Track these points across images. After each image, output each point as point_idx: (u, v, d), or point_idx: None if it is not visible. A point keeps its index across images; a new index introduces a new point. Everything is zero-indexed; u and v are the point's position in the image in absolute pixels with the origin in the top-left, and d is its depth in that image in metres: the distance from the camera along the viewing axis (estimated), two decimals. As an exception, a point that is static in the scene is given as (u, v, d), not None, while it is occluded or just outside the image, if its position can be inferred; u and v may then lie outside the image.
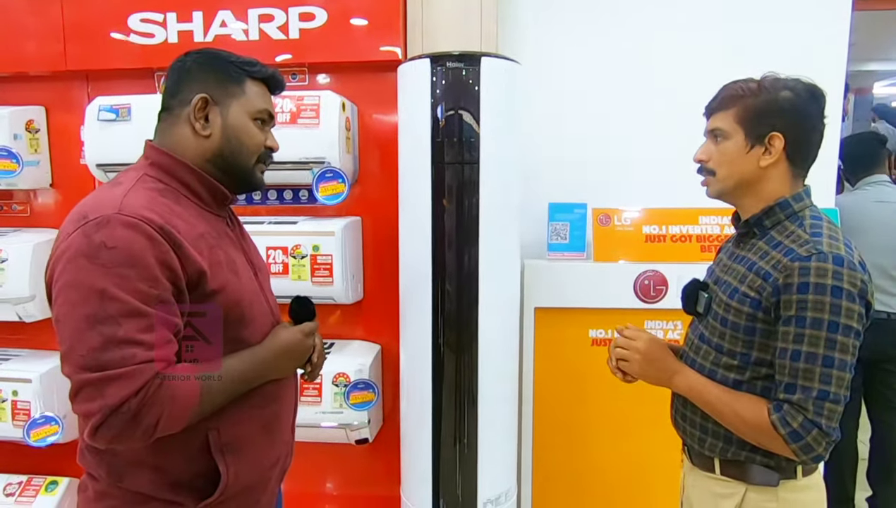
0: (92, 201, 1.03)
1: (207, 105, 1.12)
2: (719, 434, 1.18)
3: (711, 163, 1.20)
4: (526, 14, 2.22)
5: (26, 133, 2.09)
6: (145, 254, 0.96)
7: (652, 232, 2.15)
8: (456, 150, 1.62)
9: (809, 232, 1.10)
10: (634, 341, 1.25)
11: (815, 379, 1.03)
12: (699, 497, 1.24)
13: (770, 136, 1.14)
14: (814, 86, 1.16)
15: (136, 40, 2.02)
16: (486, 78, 1.60)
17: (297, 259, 1.91)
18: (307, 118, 1.85)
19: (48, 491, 2.16)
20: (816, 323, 1.03)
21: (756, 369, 1.13)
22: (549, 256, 2.15)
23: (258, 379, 1.12)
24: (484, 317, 1.68)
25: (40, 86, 2.16)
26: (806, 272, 1.04)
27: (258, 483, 1.15)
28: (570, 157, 2.24)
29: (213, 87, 1.12)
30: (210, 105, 1.12)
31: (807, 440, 1.03)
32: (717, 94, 1.21)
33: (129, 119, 1.91)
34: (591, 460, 2.15)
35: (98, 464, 1.06)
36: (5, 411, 2.06)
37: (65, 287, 0.95)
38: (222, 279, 1.08)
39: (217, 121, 1.13)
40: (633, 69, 2.20)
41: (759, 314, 1.11)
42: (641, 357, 1.24)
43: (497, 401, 1.75)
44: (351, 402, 1.92)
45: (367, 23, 1.95)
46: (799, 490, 1.14)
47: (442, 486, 1.73)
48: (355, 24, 1.96)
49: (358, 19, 1.95)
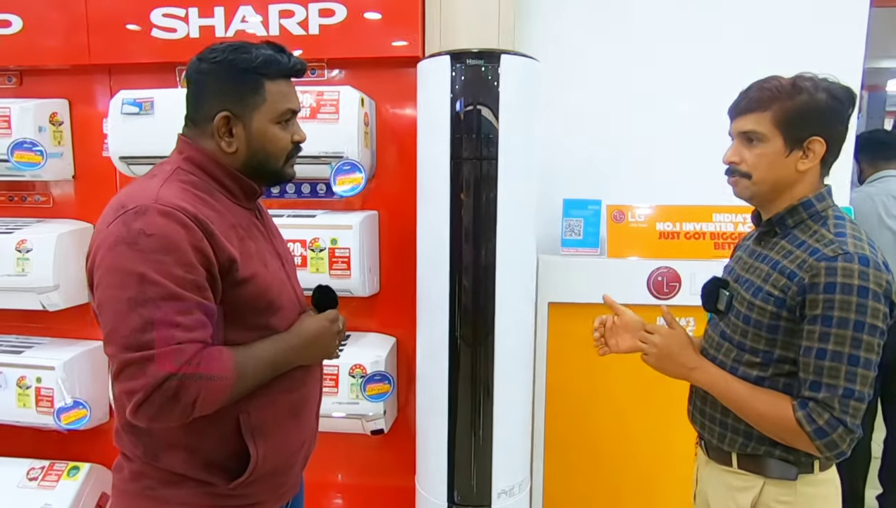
0: (130, 192, 1.07)
1: (230, 122, 1.12)
2: (739, 429, 1.20)
3: (745, 166, 1.18)
4: (544, 10, 2.24)
5: (50, 125, 2.13)
6: (181, 241, 1.00)
7: (666, 229, 2.16)
8: (475, 146, 1.64)
9: (834, 231, 1.11)
10: (653, 335, 1.27)
11: (841, 377, 1.05)
12: (715, 490, 1.26)
13: (810, 141, 1.13)
14: (848, 88, 1.15)
15: (159, 35, 2.05)
16: (505, 75, 1.62)
17: (315, 252, 1.94)
18: (327, 113, 1.88)
19: (70, 476, 2.21)
20: (843, 323, 1.05)
21: (779, 366, 1.14)
22: (562, 252, 2.17)
23: (286, 364, 1.15)
24: (500, 311, 1.71)
25: (64, 79, 2.19)
26: (832, 272, 1.05)
27: (285, 466, 1.19)
28: (586, 154, 2.26)
29: (233, 103, 1.12)
30: (232, 121, 1.12)
31: (832, 437, 1.05)
32: (747, 94, 1.18)
33: (153, 112, 1.94)
34: (602, 453, 2.18)
35: (135, 445, 1.10)
36: (30, 397, 2.11)
37: (107, 272, 0.99)
38: (252, 268, 1.12)
39: (241, 135, 1.14)
40: (650, 67, 2.21)
41: (783, 312, 1.12)
42: (658, 352, 1.25)
43: (512, 394, 1.78)
44: (367, 393, 1.96)
45: (385, 19, 1.98)
46: (816, 484, 1.16)
47: (457, 477, 1.77)
48: (374, 19, 1.98)
49: (377, 15, 1.97)
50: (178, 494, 1.09)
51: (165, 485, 1.10)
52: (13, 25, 2.10)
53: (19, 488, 2.19)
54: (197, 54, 1.16)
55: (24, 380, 2.11)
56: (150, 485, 1.10)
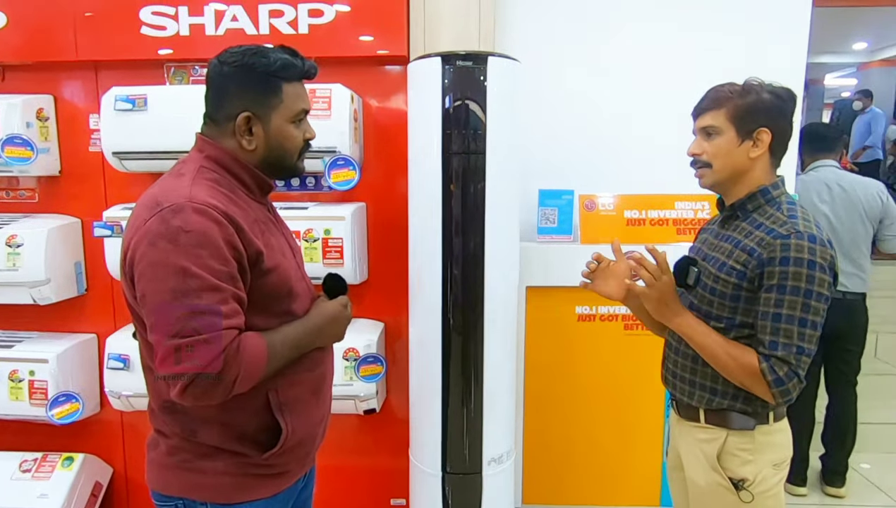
0: (162, 190, 1.15)
1: (250, 121, 1.21)
2: (706, 386, 1.38)
3: (706, 156, 1.37)
4: (517, 11, 2.37)
5: (37, 121, 2.15)
6: (215, 236, 1.09)
7: (633, 216, 2.35)
8: (464, 141, 1.77)
9: (787, 214, 1.30)
10: (658, 281, 1.35)
11: (794, 336, 1.24)
12: (686, 445, 1.44)
13: (758, 131, 1.32)
14: (789, 90, 1.37)
15: (148, 32, 2.09)
16: (492, 75, 1.75)
17: (309, 242, 2.04)
18: (320, 109, 1.97)
19: (64, 467, 2.25)
20: (795, 291, 1.23)
21: (739, 330, 1.33)
22: (539, 239, 2.33)
23: (308, 345, 1.26)
24: (489, 297, 1.84)
25: (49, 75, 2.21)
26: (787, 248, 1.24)
27: (309, 437, 1.30)
28: (559, 147, 2.42)
29: (254, 103, 1.21)
30: (253, 120, 1.22)
31: (787, 386, 1.24)
32: (706, 96, 1.38)
33: (146, 109, 1.99)
34: (578, 424, 2.36)
35: (172, 423, 1.19)
36: (22, 390, 2.14)
37: (149, 266, 1.07)
38: (275, 259, 1.22)
39: (260, 134, 1.23)
40: (617, 65, 2.38)
41: (744, 283, 1.30)
42: (659, 295, 1.35)
43: (500, 373, 1.92)
44: (361, 375, 2.07)
45: (372, 20, 2.07)
46: (771, 433, 1.35)
47: (450, 448, 1.91)
48: (361, 20, 2.07)
49: (364, 16, 2.07)
50: (214, 465, 1.19)
51: (202, 458, 1.19)
52: (-3, 21, 2.11)
53: (13, 480, 2.22)
54: (216, 56, 1.24)
55: (16, 374, 2.14)
56: (187, 458, 1.20)
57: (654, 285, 1.35)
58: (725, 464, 1.34)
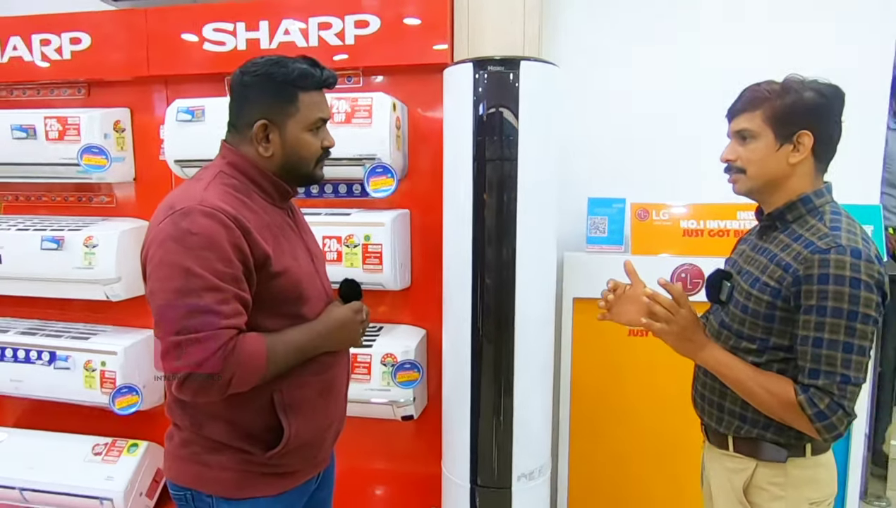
0: (178, 194, 1.21)
1: (267, 129, 1.26)
2: (735, 412, 1.26)
3: (740, 162, 1.26)
4: (570, 14, 2.32)
5: (114, 132, 2.34)
6: (221, 239, 1.13)
7: (690, 226, 2.21)
8: (496, 148, 1.74)
9: (829, 226, 1.17)
10: (675, 315, 1.27)
11: (838, 364, 1.11)
12: (715, 473, 1.33)
13: (799, 134, 1.20)
14: (835, 87, 1.22)
15: (210, 48, 2.23)
16: (524, 80, 1.71)
17: (349, 247, 2.08)
18: (361, 118, 2.01)
19: (130, 452, 2.42)
20: (836, 312, 1.10)
21: (773, 353, 1.21)
22: (587, 249, 2.24)
23: (314, 349, 1.28)
24: (520, 307, 1.80)
25: (126, 89, 2.41)
26: (825, 264, 1.11)
27: (315, 440, 1.32)
28: (611, 154, 2.33)
29: (270, 111, 1.25)
30: (269, 127, 1.26)
31: (832, 420, 1.11)
32: (740, 97, 1.27)
33: (203, 119, 2.12)
34: (625, 440, 2.25)
35: (182, 415, 1.26)
36: (95, 379, 2.33)
37: (158, 265, 1.13)
38: (284, 263, 1.25)
39: (277, 141, 1.27)
40: (673, 69, 2.26)
41: (778, 302, 1.18)
42: (680, 330, 1.26)
43: (531, 385, 1.86)
44: (398, 380, 2.08)
45: (417, 28, 2.09)
46: (807, 467, 1.21)
47: (479, 461, 1.87)
48: (406, 29, 2.10)
49: (409, 24, 2.09)
50: (220, 460, 1.24)
51: (209, 451, 1.24)
52: (83, 42, 2.32)
53: (85, 462, 2.41)
54: (240, 67, 1.30)
55: (90, 364, 2.33)
56: (197, 451, 1.25)
57: (673, 320, 1.25)
58: (753, 498, 1.22)
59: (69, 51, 2.33)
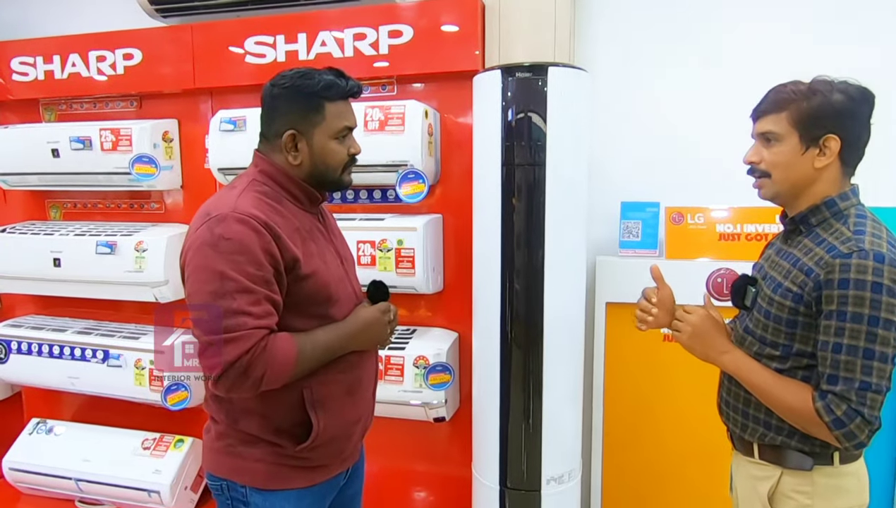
0: (213, 201, 1.29)
1: (295, 138, 1.32)
2: (759, 419, 1.24)
3: (764, 165, 1.24)
4: (604, 22, 2.32)
5: (163, 142, 2.46)
6: (253, 244, 1.20)
7: (726, 230, 2.17)
8: (524, 153, 1.76)
9: (853, 229, 1.14)
10: (690, 314, 1.30)
11: (857, 370, 1.08)
12: (741, 480, 1.31)
13: (825, 138, 1.17)
14: (865, 88, 1.19)
15: (252, 60, 2.33)
16: (552, 86, 1.73)
17: (383, 251, 2.13)
18: (394, 125, 2.06)
19: (176, 448, 2.53)
20: (857, 318, 1.08)
21: (797, 359, 1.18)
22: (620, 253, 2.23)
23: (341, 349, 1.33)
24: (549, 311, 1.81)
25: (174, 101, 2.53)
26: (846, 268, 1.09)
27: (342, 436, 1.37)
28: (644, 158, 2.31)
29: (298, 121, 1.31)
30: (298, 137, 1.32)
31: (850, 427, 1.08)
32: (766, 97, 1.24)
33: (245, 129, 2.21)
34: (659, 446, 2.22)
35: (219, 410, 1.32)
36: (144, 377, 2.45)
37: (195, 269, 1.20)
38: (313, 266, 1.30)
39: (305, 150, 1.33)
40: (706, 71, 2.23)
41: (800, 308, 1.16)
42: (692, 331, 1.28)
43: (561, 388, 1.87)
44: (430, 382, 2.12)
45: (449, 36, 2.13)
46: (835, 475, 1.18)
47: (509, 463, 1.88)
48: (438, 37, 2.14)
49: (441, 32, 2.14)
50: (254, 452, 1.30)
51: (243, 444, 1.30)
52: (135, 58, 2.46)
53: (134, 455, 2.54)
54: (270, 80, 1.36)
55: (140, 362, 2.45)
56: (232, 444, 1.31)
57: (686, 320, 1.27)
58: (778, 506, 1.20)
59: (122, 66, 2.48)
